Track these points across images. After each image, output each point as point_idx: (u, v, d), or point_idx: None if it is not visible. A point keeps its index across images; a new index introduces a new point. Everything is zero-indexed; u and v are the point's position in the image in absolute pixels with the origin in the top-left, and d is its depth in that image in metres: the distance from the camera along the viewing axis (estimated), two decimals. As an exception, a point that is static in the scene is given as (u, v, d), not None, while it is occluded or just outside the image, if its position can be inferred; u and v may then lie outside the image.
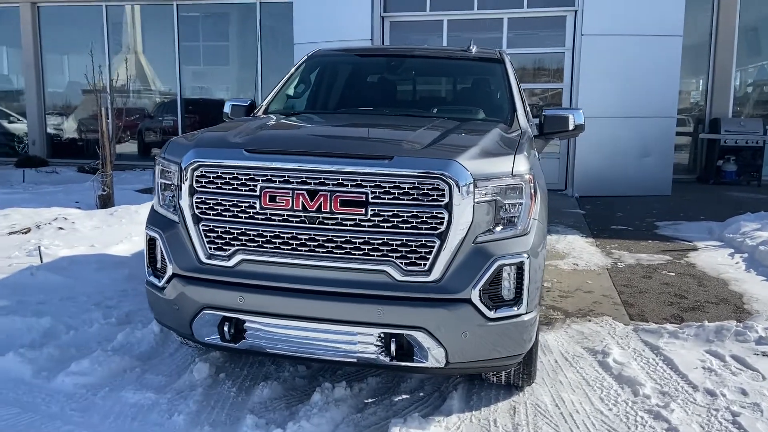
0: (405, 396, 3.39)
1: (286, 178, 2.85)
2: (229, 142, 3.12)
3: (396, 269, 2.81)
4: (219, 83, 15.78)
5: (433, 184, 2.78)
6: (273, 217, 2.89)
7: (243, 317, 2.97)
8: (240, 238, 2.95)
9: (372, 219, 2.80)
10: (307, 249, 2.87)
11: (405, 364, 2.88)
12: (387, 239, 2.81)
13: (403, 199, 2.79)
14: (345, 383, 3.40)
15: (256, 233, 2.92)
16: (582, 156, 10.78)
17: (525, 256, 2.90)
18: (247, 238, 2.94)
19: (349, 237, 2.83)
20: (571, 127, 4.29)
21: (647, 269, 6.02)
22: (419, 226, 2.79)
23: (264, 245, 2.92)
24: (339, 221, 2.83)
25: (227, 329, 2.98)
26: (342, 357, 2.94)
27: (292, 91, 4.78)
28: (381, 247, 2.82)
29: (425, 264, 2.81)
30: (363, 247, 2.83)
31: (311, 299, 2.87)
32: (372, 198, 2.79)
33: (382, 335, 2.85)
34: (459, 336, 2.82)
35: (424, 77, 5.25)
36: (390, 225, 2.80)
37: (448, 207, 2.78)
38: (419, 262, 2.81)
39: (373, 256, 2.82)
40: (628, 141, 10.67)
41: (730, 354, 3.90)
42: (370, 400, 3.34)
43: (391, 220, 2.79)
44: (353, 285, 2.85)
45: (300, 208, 2.84)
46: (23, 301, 4.60)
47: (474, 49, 4.90)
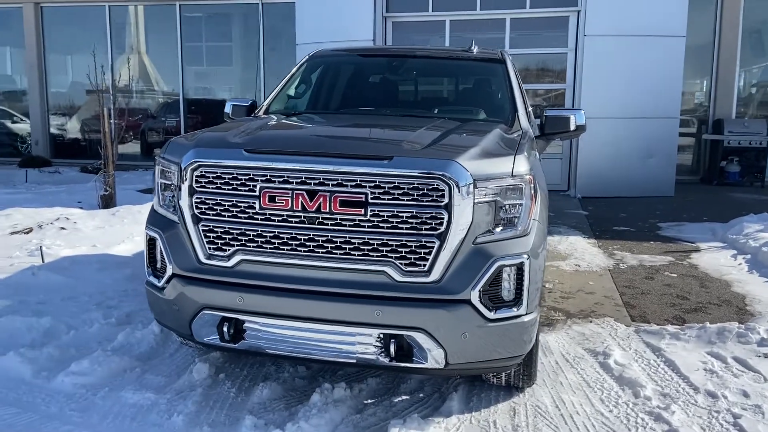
0: (405, 397, 3.38)
1: (285, 178, 2.85)
2: (229, 142, 3.12)
3: (395, 270, 2.80)
4: (222, 84, 15.80)
5: (433, 184, 2.77)
6: (272, 218, 2.88)
7: (242, 317, 2.96)
8: (239, 238, 2.94)
9: (371, 219, 2.79)
10: (307, 249, 2.87)
11: (404, 365, 2.87)
12: (386, 240, 2.80)
13: (403, 200, 2.78)
14: (345, 384, 3.40)
15: (255, 233, 2.92)
16: (585, 157, 10.75)
17: (525, 256, 2.89)
18: (247, 238, 2.93)
19: (349, 237, 2.82)
20: (573, 128, 4.28)
21: (649, 270, 6.00)
22: (419, 226, 2.78)
23: (263, 245, 2.91)
24: (338, 221, 2.82)
25: (226, 329, 2.98)
26: (341, 358, 2.93)
27: (293, 92, 4.77)
28: (380, 248, 2.81)
29: (425, 265, 2.80)
30: (362, 248, 2.82)
31: (310, 300, 2.87)
32: (371, 198, 2.79)
33: (381, 336, 2.84)
34: (458, 337, 2.81)
35: (425, 77, 5.23)
36: (389, 225, 2.79)
37: (447, 207, 2.77)
38: (419, 262, 2.80)
39: (373, 256, 2.82)
40: (631, 142, 10.64)
41: (731, 356, 3.88)
42: (369, 400, 3.33)
43: (391, 220, 2.78)
44: (352, 285, 2.84)
45: (299, 208, 2.83)
46: (24, 301, 4.61)
47: (475, 50, 4.89)
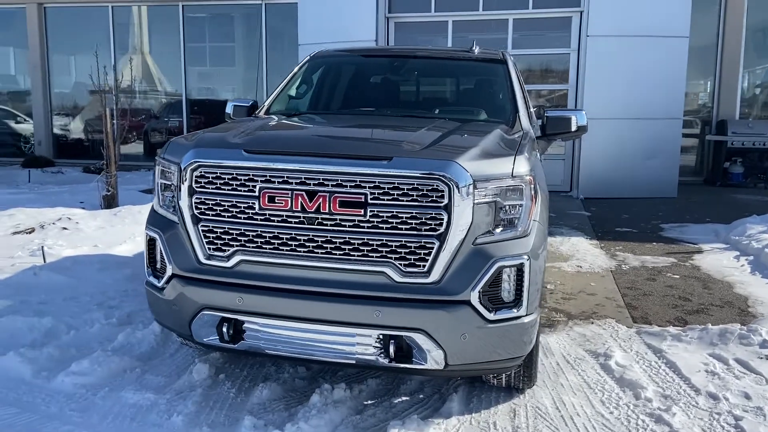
0: (405, 398, 3.37)
1: (285, 178, 2.85)
2: (229, 142, 3.11)
3: (395, 270, 2.79)
4: (224, 84, 15.82)
5: (433, 185, 2.76)
6: (272, 218, 2.88)
7: (242, 318, 2.96)
8: (239, 238, 2.94)
9: (371, 220, 2.79)
10: (306, 250, 2.86)
11: (404, 365, 2.87)
12: (386, 240, 2.79)
13: (402, 200, 2.77)
14: (344, 385, 3.39)
15: (255, 234, 2.91)
16: (587, 157, 10.73)
17: (525, 257, 2.88)
18: (246, 238, 2.93)
19: (348, 238, 2.82)
20: (574, 128, 4.27)
21: (651, 272, 5.98)
22: (418, 227, 2.78)
23: (263, 246, 2.91)
24: (338, 222, 2.82)
25: (226, 330, 2.98)
26: (341, 358, 2.93)
27: (294, 92, 4.77)
28: (380, 249, 2.80)
29: (424, 265, 2.79)
30: (362, 249, 2.81)
31: (310, 300, 2.86)
32: (371, 199, 2.78)
33: (380, 337, 2.84)
34: (458, 338, 2.81)
35: (425, 78, 5.22)
36: (389, 226, 2.78)
37: (447, 208, 2.76)
38: (418, 263, 2.79)
39: (372, 257, 2.81)
40: (634, 143, 10.61)
41: (733, 357, 3.86)
42: (369, 401, 3.33)
43: (390, 221, 2.78)
44: (352, 286, 2.84)
45: (299, 208, 2.83)
46: (26, 301, 4.61)
47: (476, 50, 4.88)
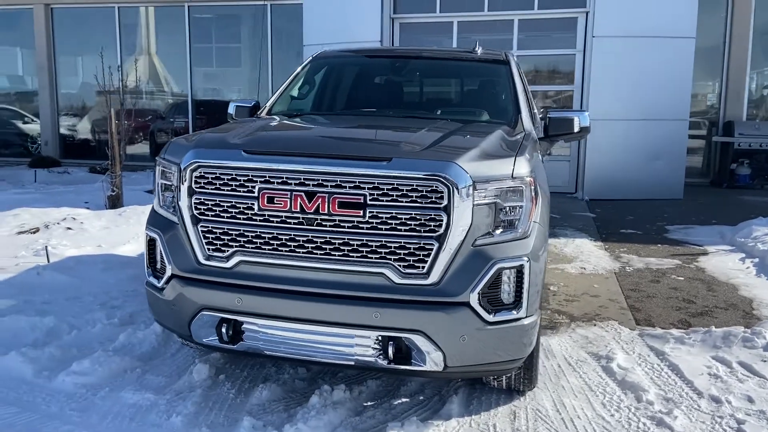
0: (404, 399, 3.36)
1: (284, 179, 2.84)
2: (228, 143, 3.11)
3: (394, 272, 2.78)
4: (230, 85, 15.85)
5: (432, 186, 2.75)
6: (271, 219, 2.88)
7: (241, 319, 2.96)
8: (238, 239, 2.94)
9: (370, 221, 2.78)
10: (305, 251, 2.86)
11: (403, 367, 2.86)
12: (385, 241, 2.78)
13: (402, 201, 2.76)
14: (344, 386, 3.38)
15: (254, 234, 2.91)
16: (593, 158, 10.68)
17: (525, 259, 2.87)
18: (246, 239, 2.93)
19: (347, 239, 2.81)
20: (577, 129, 4.24)
21: (656, 273, 5.94)
22: (418, 228, 2.77)
23: (262, 247, 2.91)
24: (337, 223, 2.81)
25: (225, 330, 2.97)
26: (339, 360, 2.92)
27: (296, 92, 4.76)
28: (379, 250, 2.79)
29: (423, 267, 2.78)
30: (361, 250, 2.81)
31: (309, 301, 2.85)
32: (370, 200, 2.77)
33: (379, 338, 2.83)
34: (457, 340, 2.79)
35: (428, 78, 5.21)
36: (388, 227, 2.77)
37: (446, 209, 2.75)
38: (417, 264, 2.78)
39: (371, 258, 2.80)
40: (639, 144, 10.55)
41: (737, 360, 3.83)
42: (369, 403, 3.32)
43: (390, 222, 2.77)
44: (351, 287, 2.83)
45: (298, 209, 2.82)
46: (29, 301, 4.63)
47: (479, 51, 4.86)
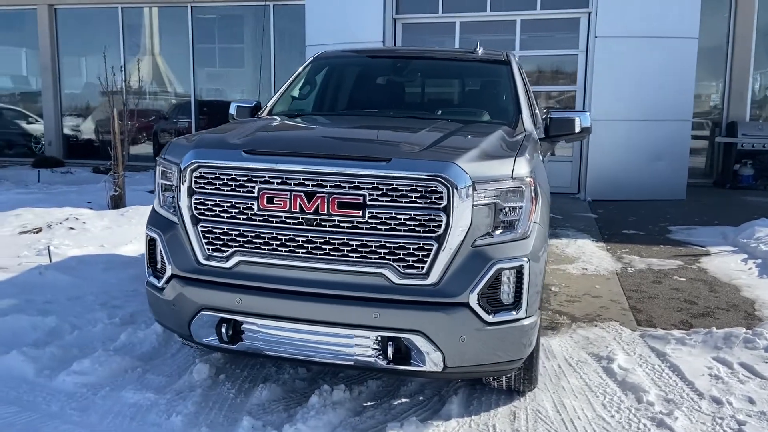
0: (404, 400, 3.36)
1: (283, 179, 2.85)
2: (228, 143, 3.12)
3: (393, 272, 2.79)
4: (233, 85, 15.85)
5: (432, 186, 2.75)
6: (271, 219, 2.88)
7: (240, 319, 2.96)
8: (238, 239, 2.94)
9: (370, 221, 2.78)
10: (305, 251, 2.86)
11: (402, 367, 2.86)
12: (384, 242, 2.78)
13: (401, 202, 2.76)
14: (344, 386, 3.38)
15: (253, 235, 2.91)
16: (595, 159, 10.66)
17: (525, 260, 2.87)
18: (245, 239, 2.93)
19: (347, 239, 2.81)
20: (578, 130, 4.24)
21: (658, 274, 5.93)
22: (417, 228, 2.77)
23: (262, 247, 2.91)
24: (336, 223, 2.81)
25: (225, 330, 2.98)
26: (339, 360, 2.92)
27: (297, 93, 4.77)
28: (378, 250, 2.79)
29: (423, 267, 2.78)
30: (360, 250, 2.81)
31: (308, 301, 2.86)
32: (370, 200, 2.78)
33: (379, 338, 2.83)
34: (457, 340, 2.79)
35: (429, 79, 5.21)
36: (388, 227, 2.78)
37: (446, 210, 2.75)
38: (417, 265, 2.78)
39: (371, 258, 2.80)
40: (642, 144, 10.53)
41: (738, 361, 3.82)
42: (368, 403, 3.32)
43: (389, 222, 2.77)
44: (350, 287, 2.83)
45: (297, 209, 2.83)
46: (31, 300, 4.65)
47: (480, 51, 4.86)
